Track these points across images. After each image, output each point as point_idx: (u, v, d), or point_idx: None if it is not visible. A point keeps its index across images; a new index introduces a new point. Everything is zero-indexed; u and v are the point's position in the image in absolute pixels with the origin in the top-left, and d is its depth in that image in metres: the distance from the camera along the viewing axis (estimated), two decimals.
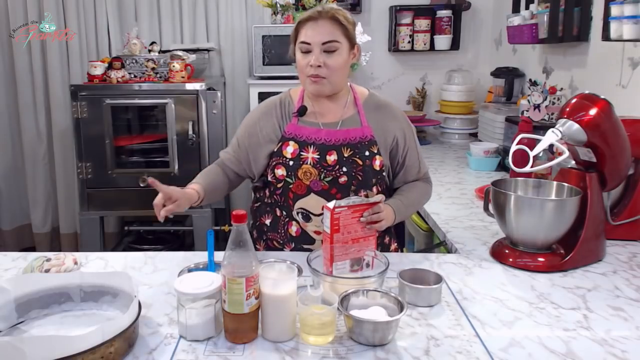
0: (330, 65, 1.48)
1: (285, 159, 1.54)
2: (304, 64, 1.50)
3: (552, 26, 2.42)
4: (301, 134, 1.56)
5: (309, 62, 1.48)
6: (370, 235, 1.36)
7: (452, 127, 3.47)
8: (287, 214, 1.59)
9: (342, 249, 1.30)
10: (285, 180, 1.54)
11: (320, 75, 1.48)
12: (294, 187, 1.53)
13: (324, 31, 1.47)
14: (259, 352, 1.07)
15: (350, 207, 1.30)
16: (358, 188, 1.54)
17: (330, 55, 1.48)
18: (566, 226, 1.45)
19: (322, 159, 1.52)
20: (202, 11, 3.61)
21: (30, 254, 1.55)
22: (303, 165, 1.52)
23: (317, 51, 1.47)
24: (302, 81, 1.55)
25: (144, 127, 3.41)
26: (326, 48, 1.47)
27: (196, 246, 3.24)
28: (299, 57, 1.52)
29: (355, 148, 1.54)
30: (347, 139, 1.55)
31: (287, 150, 1.54)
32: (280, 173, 1.54)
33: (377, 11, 3.67)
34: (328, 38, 1.47)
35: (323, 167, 1.52)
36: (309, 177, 1.52)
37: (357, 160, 1.53)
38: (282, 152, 1.55)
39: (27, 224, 3.81)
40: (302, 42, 1.49)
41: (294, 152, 1.54)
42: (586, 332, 1.15)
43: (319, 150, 1.53)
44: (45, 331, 1.14)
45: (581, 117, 1.43)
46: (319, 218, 1.54)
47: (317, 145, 1.54)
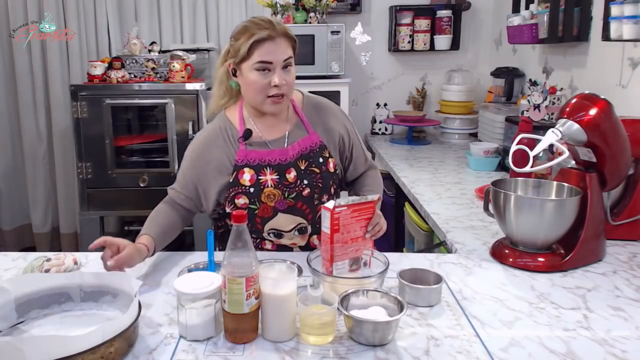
0: (289, 82, 1.47)
1: (245, 187, 1.50)
2: (265, 83, 1.44)
3: (552, 26, 2.42)
4: (253, 158, 1.51)
5: (273, 82, 1.43)
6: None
7: (452, 127, 3.47)
8: (257, 236, 1.57)
9: (342, 249, 1.30)
10: (249, 208, 1.51)
11: (282, 94, 1.46)
12: (260, 212, 1.51)
13: (282, 49, 1.44)
14: (259, 352, 1.07)
15: (350, 206, 1.30)
16: (320, 194, 1.54)
17: (287, 72, 1.46)
18: (566, 226, 1.45)
19: (282, 178, 1.51)
20: (202, 11, 3.61)
21: (30, 254, 1.55)
22: (265, 189, 1.50)
23: (278, 69, 1.44)
24: (259, 101, 1.48)
25: (144, 127, 3.41)
26: (284, 64, 1.45)
27: (196, 246, 3.24)
28: (255, 77, 1.44)
29: (309, 158, 1.54)
30: (299, 152, 1.53)
31: (244, 178, 1.50)
32: (242, 202, 1.50)
33: (377, 11, 3.67)
34: (286, 55, 1.45)
35: (285, 185, 1.51)
36: (273, 198, 1.50)
37: (314, 169, 1.54)
38: (239, 181, 1.50)
39: (27, 224, 3.81)
40: (261, 62, 1.42)
41: (252, 179, 1.50)
42: (586, 332, 1.15)
43: (277, 171, 1.51)
44: (45, 331, 1.14)
45: (581, 117, 1.43)
46: (290, 233, 1.55)
47: (273, 166, 1.51)
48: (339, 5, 3.51)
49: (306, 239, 1.58)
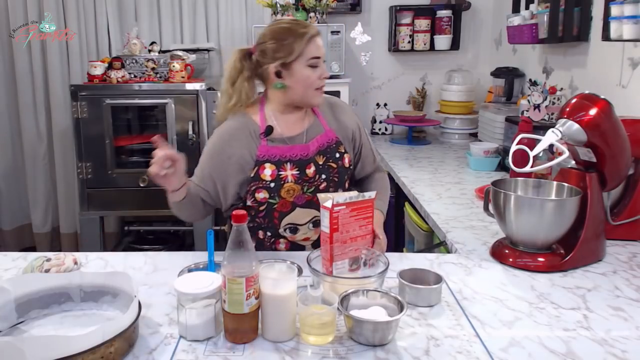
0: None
1: (265, 182, 1.53)
2: (315, 77, 1.52)
3: (552, 26, 2.42)
4: (274, 154, 1.54)
5: (323, 75, 1.54)
6: (367, 233, 1.37)
7: (452, 127, 3.47)
8: (272, 233, 1.59)
9: (341, 248, 1.30)
10: (269, 202, 1.54)
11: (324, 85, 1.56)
12: (279, 207, 1.55)
13: (322, 44, 1.55)
14: (259, 352, 1.07)
15: (348, 205, 1.30)
16: (335, 189, 1.59)
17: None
18: (566, 226, 1.45)
19: (303, 173, 1.55)
20: (202, 11, 3.61)
21: (30, 254, 1.55)
22: (285, 184, 1.53)
23: (322, 63, 1.54)
24: (310, 95, 1.55)
25: (144, 127, 3.41)
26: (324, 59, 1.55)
27: (196, 246, 3.24)
28: (308, 73, 1.51)
29: (327, 154, 1.58)
30: (318, 148, 1.58)
31: (265, 173, 1.53)
32: (262, 196, 1.54)
33: (377, 11, 3.67)
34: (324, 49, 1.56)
35: (305, 180, 1.55)
36: (293, 194, 1.54)
37: (331, 164, 1.58)
38: (260, 175, 1.53)
39: (27, 224, 3.81)
40: (314, 57, 1.51)
41: (273, 174, 1.53)
42: (586, 332, 1.15)
43: (297, 166, 1.54)
44: (45, 331, 1.14)
45: (581, 117, 1.43)
46: (305, 226, 1.59)
47: (294, 161, 1.54)
48: (339, 5, 3.51)
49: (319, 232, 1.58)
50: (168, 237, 3.71)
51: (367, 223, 1.35)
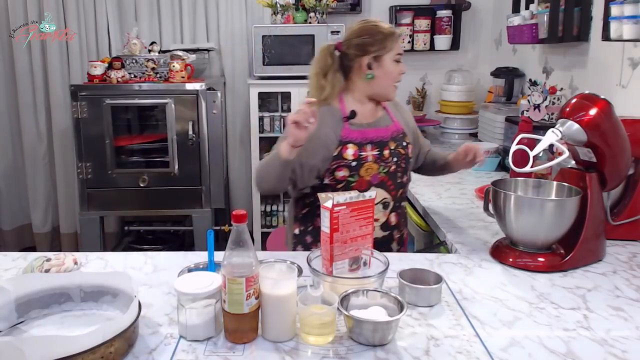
0: None
1: (347, 161, 1.67)
2: (398, 71, 1.72)
3: (552, 26, 2.42)
4: (356, 136, 1.70)
5: (402, 71, 1.73)
6: (367, 233, 1.37)
7: (452, 127, 3.47)
8: None
9: (341, 248, 1.30)
10: (347, 180, 1.68)
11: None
12: (356, 185, 1.68)
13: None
14: (259, 352, 1.07)
15: (349, 204, 1.30)
16: (402, 174, 1.77)
17: None
18: (566, 226, 1.45)
19: (381, 154, 1.71)
20: (202, 11, 3.61)
21: (30, 254, 1.55)
22: (365, 163, 1.68)
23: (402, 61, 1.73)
24: (386, 88, 1.73)
25: (144, 127, 3.41)
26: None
27: (196, 246, 3.24)
28: (393, 67, 1.71)
29: (396, 141, 1.76)
30: (389, 134, 1.76)
31: (347, 153, 1.67)
32: (342, 174, 1.67)
33: (377, 11, 3.67)
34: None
35: (382, 160, 1.71)
36: (370, 172, 1.69)
37: (400, 151, 1.76)
38: (343, 155, 1.67)
39: (27, 224, 3.82)
40: (399, 54, 1.71)
41: (355, 154, 1.67)
42: (586, 332, 1.15)
43: (377, 147, 1.71)
44: (45, 331, 1.14)
45: (581, 117, 1.43)
46: (376, 207, 1.64)
47: (374, 142, 1.71)
48: (339, 5, 3.51)
49: (387, 215, 1.74)
50: (168, 237, 3.71)
51: (367, 223, 1.35)
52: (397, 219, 1.77)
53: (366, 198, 1.34)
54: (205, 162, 3.19)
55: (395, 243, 1.80)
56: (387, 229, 1.74)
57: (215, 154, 3.24)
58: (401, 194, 1.78)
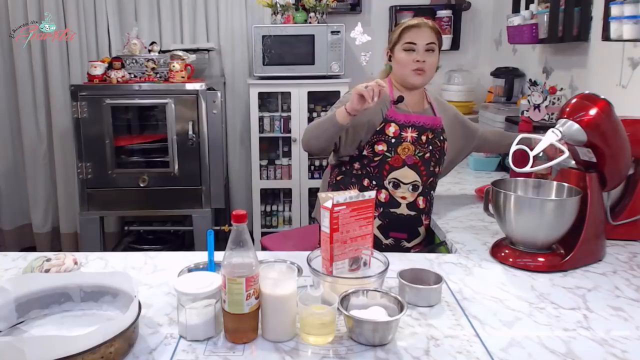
0: (430, 62, 1.84)
1: (388, 137, 1.82)
2: (409, 60, 1.83)
3: (552, 26, 2.42)
4: (399, 118, 1.85)
5: (415, 59, 1.82)
6: (367, 233, 1.37)
7: None
8: (377, 183, 1.84)
9: (341, 248, 1.30)
10: (384, 155, 1.83)
11: (423, 69, 1.83)
12: (392, 161, 1.82)
13: (426, 35, 1.83)
14: (259, 352, 1.07)
15: (349, 204, 1.30)
16: (435, 164, 1.89)
17: (429, 54, 1.83)
18: (566, 226, 1.45)
19: (419, 138, 1.85)
20: (202, 11, 3.61)
21: (30, 254, 1.55)
22: (403, 142, 1.83)
23: (421, 50, 1.82)
24: (404, 76, 1.86)
25: (144, 127, 3.41)
26: (427, 48, 1.83)
27: (196, 246, 3.24)
28: (403, 56, 1.84)
29: (434, 132, 1.89)
30: (430, 124, 1.89)
31: (389, 130, 1.83)
32: (381, 148, 1.83)
33: (377, 11, 3.67)
34: (429, 40, 1.83)
35: (419, 144, 1.85)
36: (407, 152, 1.83)
37: (437, 142, 1.89)
38: (385, 131, 1.83)
39: (28, 224, 3.82)
40: (407, 43, 1.83)
41: (395, 132, 1.83)
42: (586, 332, 1.15)
43: (417, 131, 1.85)
44: (45, 331, 1.14)
45: (581, 117, 1.43)
46: (406, 186, 1.84)
47: (416, 126, 1.85)
48: (339, 5, 3.51)
49: (414, 196, 1.85)
50: (168, 237, 3.71)
51: (367, 223, 1.35)
52: (425, 204, 1.88)
53: (366, 198, 1.34)
54: (205, 162, 3.19)
55: (424, 228, 1.90)
56: (414, 210, 1.85)
57: (215, 154, 3.24)
58: (431, 182, 1.89)
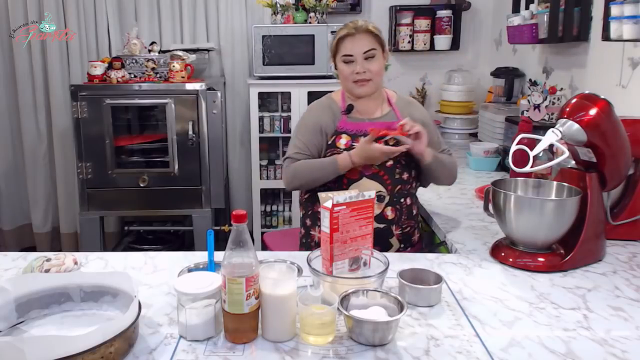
0: (372, 69, 1.75)
1: (339, 149, 1.77)
2: (349, 72, 1.75)
3: (552, 26, 2.42)
4: (351, 128, 1.79)
5: (354, 70, 1.74)
6: (367, 233, 1.37)
7: (452, 127, 3.47)
8: None
9: (341, 248, 1.30)
10: None
11: (366, 79, 1.75)
12: (348, 173, 1.75)
13: (363, 43, 1.73)
14: (259, 352, 1.07)
15: (348, 204, 1.30)
16: (402, 171, 1.78)
17: (370, 62, 1.74)
18: (566, 226, 1.45)
19: None
20: (202, 11, 3.61)
21: (30, 254, 1.55)
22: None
23: (359, 60, 1.73)
24: (348, 87, 1.80)
25: (144, 127, 3.41)
26: (366, 56, 1.73)
27: (196, 246, 3.24)
28: (342, 68, 1.77)
29: (396, 138, 1.75)
30: (390, 130, 1.75)
31: (340, 142, 1.77)
32: None
33: (377, 11, 3.67)
34: (367, 48, 1.73)
35: None
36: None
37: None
38: (336, 144, 1.78)
39: (28, 224, 3.81)
40: (345, 55, 1.75)
41: (347, 143, 1.77)
42: (586, 332, 1.15)
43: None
44: (45, 331, 1.14)
45: (581, 117, 1.43)
46: None
47: (367, 135, 1.73)
48: (339, 5, 3.51)
49: (382, 207, 1.76)
50: (168, 237, 3.71)
51: (367, 223, 1.35)
52: (395, 214, 1.77)
53: (366, 198, 1.34)
54: (205, 162, 3.19)
55: (396, 239, 1.79)
56: (382, 222, 1.75)
57: (215, 154, 3.24)
58: (399, 189, 1.77)
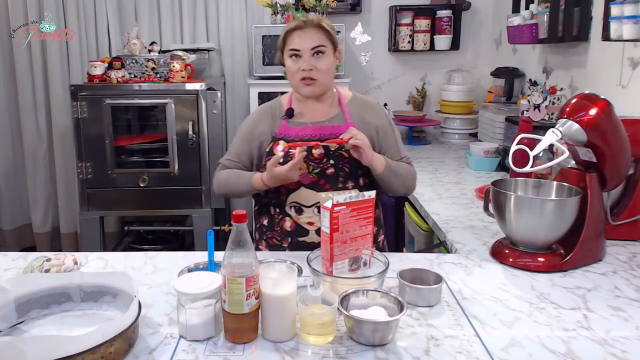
0: (320, 68, 1.60)
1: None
2: (295, 68, 1.61)
3: (552, 26, 2.42)
4: (289, 133, 1.65)
5: (300, 67, 1.60)
6: (367, 233, 1.37)
7: (452, 127, 3.47)
8: (280, 210, 1.67)
9: (341, 248, 1.30)
10: None
11: (312, 77, 1.60)
12: (286, 183, 1.60)
13: (312, 37, 1.60)
14: (259, 352, 1.07)
15: (348, 204, 1.30)
16: (345, 179, 1.63)
17: (319, 59, 1.60)
18: (566, 226, 1.45)
19: (309, 152, 1.60)
20: (202, 11, 3.61)
21: (30, 254, 1.55)
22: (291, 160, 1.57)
23: (307, 56, 1.60)
24: (294, 85, 1.66)
25: (144, 127, 3.41)
26: (315, 52, 1.60)
27: (196, 246, 3.24)
28: (289, 63, 1.63)
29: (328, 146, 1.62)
30: (332, 134, 1.64)
31: (277, 149, 1.62)
32: None
33: (377, 11, 3.67)
34: (316, 43, 1.59)
35: (310, 160, 1.61)
36: (299, 171, 1.58)
37: (343, 153, 1.62)
38: (273, 151, 1.63)
39: (28, 224, 3.81)
40: (291, 50, 1.61)
41: (283, 150, 1.61)
42: (586, 332, 1.15)
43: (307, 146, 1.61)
44: (45, 331, 1.14)
45: (581, 117, 1.43)
46: (310, 209, 1.63)
47: (304, 140, 1.62)
48: (339, 5, 3.51)
49: None
50: (168, 237, 3.71)
51: (368, 223, 1.36)
52: None
53: (366, 198, 1.34)
54: (205, 162, 3.18)
55: None
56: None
57: (215, 154, 3.24)
58: None
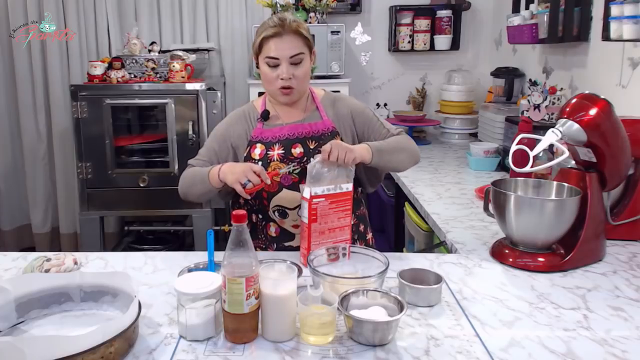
0: (298, 76, 1.56)
1: (254, 160, 1.59)
2: (273, 76, 1.55)
3: (552, 26, 2.42)
4: (267, 136, 1.61)
5: (279, 75, 1.54)
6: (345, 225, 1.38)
7: (452, 127, 3.47)
8: (263, 216, 1.63)
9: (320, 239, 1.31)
10: None
11: (291, 86, 1.56)
12: (267, 187, 1.53)
13: (290, 46, 1.53)
14: (259, 352, 1.07)
15: (327, 196, 1.31)
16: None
17: (297, 67, 1.55)
18: (566, 226, 1.45)
19: (288, 152, 1.58)
20: (202, 11, 3.61)
21: (30, 254, 1.55)
22: (271, 162, 1.57)
23: (285, 64, 1.53)
24: (271, 92, 1.61)
25: (144, 127, 3.41)
26: (293, 61, 1.54)
27: (196, 246, 3.24)
28: (266, 70, 1.56)
29: (319, 139, 1.60)
30: (310, 132, 1.61)
31: (254, 152, 1.60)
32: None
33: (377, 11, 3.67)
34: (295, 51, 1.54)
35: (290, 160, 1.58)
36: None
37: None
38: (251, 155, 1.60)
39: (27, 224, 3.81)
40: (269, 57, 1.54)
41: (261, 153, 1.59)
42: (586, 332, 1.15)
43: (283, 146, 1.59)
44: (45, 331, 1.14)
45: (581, 117, 1.43)
46: (295, 211, 1.58)
47: (282, 141, 1.60)
48: (339, 5, 3.51)
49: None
50: (168, 237, 3.71)
51: (346, 215, 1.37)
52: None
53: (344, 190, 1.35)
54: None
55: None
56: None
57: None
58: None
